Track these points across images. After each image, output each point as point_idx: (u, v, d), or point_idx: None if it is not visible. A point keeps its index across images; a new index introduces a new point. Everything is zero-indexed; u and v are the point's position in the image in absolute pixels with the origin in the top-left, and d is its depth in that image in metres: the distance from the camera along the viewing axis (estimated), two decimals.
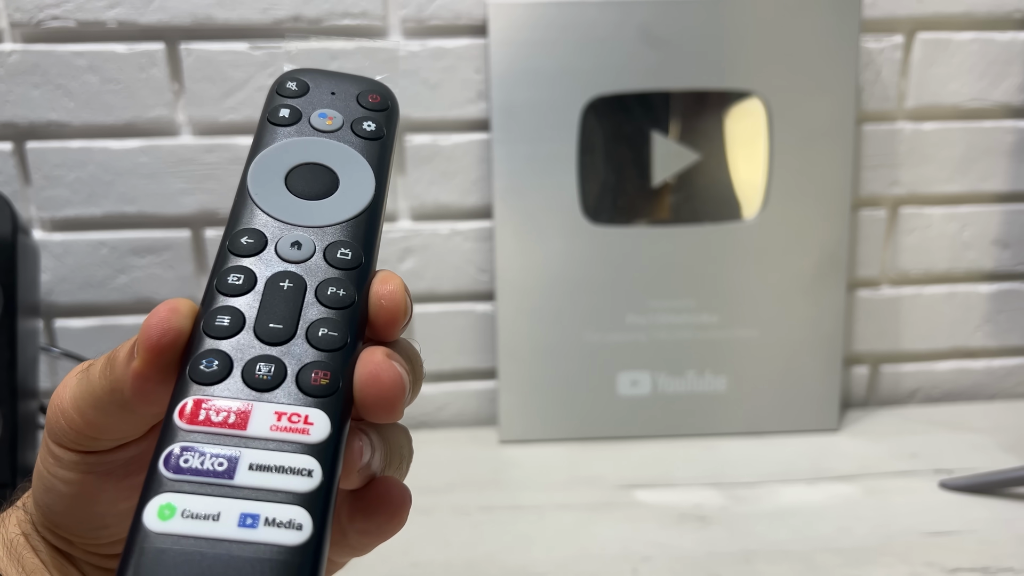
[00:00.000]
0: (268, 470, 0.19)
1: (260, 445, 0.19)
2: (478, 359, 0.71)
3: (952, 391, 0.75)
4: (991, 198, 0.71)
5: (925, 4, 0.66)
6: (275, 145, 0.24)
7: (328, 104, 0.25)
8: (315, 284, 0.21)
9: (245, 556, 0.18)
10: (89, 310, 0.68)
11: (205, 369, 0.20)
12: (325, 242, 0.22)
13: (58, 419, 0.22)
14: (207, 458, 0.19)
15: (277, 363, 0.20)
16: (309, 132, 0.24)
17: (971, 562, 0.49)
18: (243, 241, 0.22)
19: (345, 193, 0.23)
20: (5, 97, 0.62)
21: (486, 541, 0.53)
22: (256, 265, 0.21)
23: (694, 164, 0.65)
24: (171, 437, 0.19)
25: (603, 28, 0.62)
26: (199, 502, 0.18)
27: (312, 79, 0.26)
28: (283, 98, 0.25)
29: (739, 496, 0.58)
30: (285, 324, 0.21)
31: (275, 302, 0.21)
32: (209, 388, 0.20)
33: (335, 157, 0.24)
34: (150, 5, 0.61)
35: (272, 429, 0.19)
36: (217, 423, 0.19)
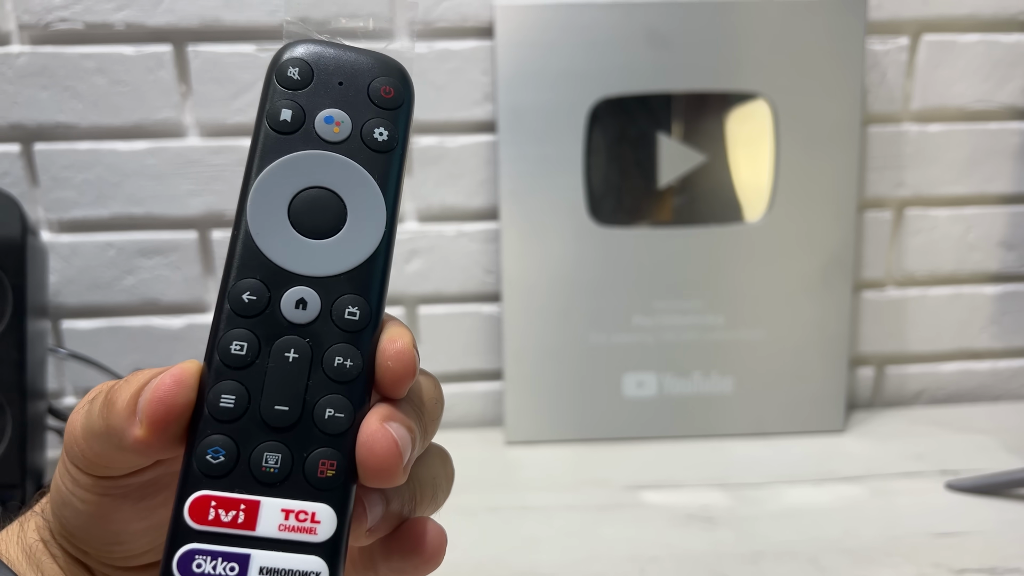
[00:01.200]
0: (278, 574, 0.19)
1: (269, 546, 0.19)
2: (484, 360, 0.71)
3: (957, 392, 0.75)
4: (996, 200, 0.71)
5: (930, 6, 0.66)
6: (277, 164, 0.21)
7: (335, 101, 0.22)
8: (321, 353, 0.20)
9: None
10: (96, 311, 0.68)
11: (212, 461, 0.19)
12: (332, 297, 0.21)
13: (71, 444, 0.22)
14: (219, 562, 0.19)
15: (283, 453, 0.20)
16: (314, 142, 0.22)
17: (978, 563, 0.49)
18: (245, 299, 0.20)
19: (353, 229, 0.21)
20: (13, 99, 0.63)
21: (493, 542, 0.53)
22: (259, 329, 0.20)
23: (700, 166, 0.65)
24: (182, 537, 0.19)
25: (610, 30, 0.62)
26: None
27: (317, 62, 0.23)
28: (284, 89, 0.22)
29: (746, 497, 0.58)
30: (291, 406, 0.20)
31: (281, 378, 0.20)
32: (216, 481, 0.19)
33: (343, 179, 0.22)
34: (158, 7, 0.62)
35: (280, 529, 0.19)
36: (226, 523, 0.19)
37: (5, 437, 0.52)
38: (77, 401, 0.69)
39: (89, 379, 0.69)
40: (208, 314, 0.68)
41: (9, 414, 0.52)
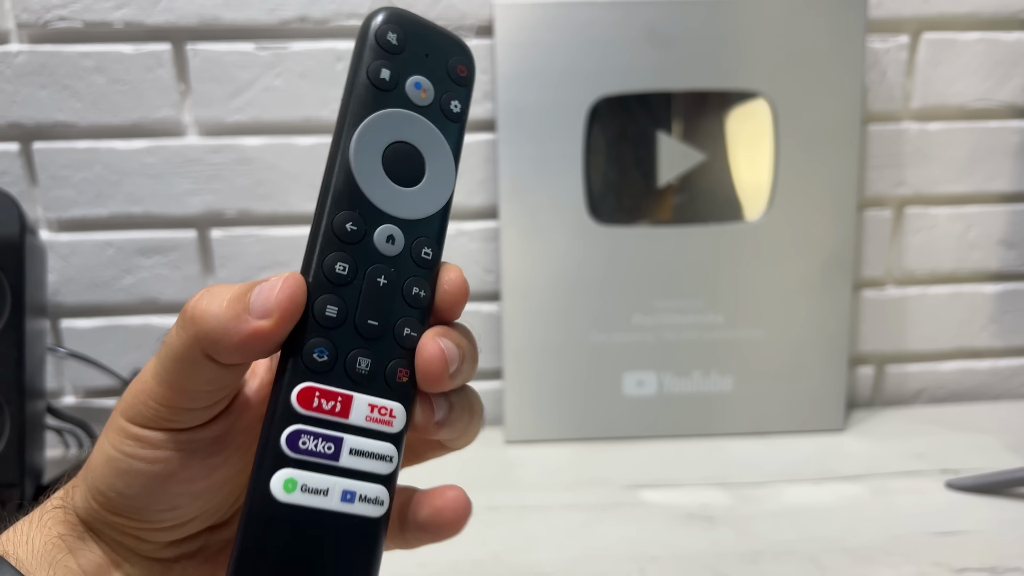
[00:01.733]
0: (363, 455, 0.23)
1: (358, 432, 0.23)
2: (484, 359, 0.71)
3: (957, 391, 0.75)
4: (997, 198, 0.71)
5: (931, 4, 0.66)
6: (377, 116, 0.24)
7: (423, 70, 0.25)
8: (403, 282, 0.24)
9: (342, 526, 0.22)
10: (95, 310, 0.68)
11: (317, 359, 0.23)
12: (412, 238, 0.24)
13: (143, 402, 0.23)
14: (320, 441, 0.22)
15: (372, 359, 0.23)
16: (405, 103, 0.25)
17: (978, 562, 0.49)
18: (348, 227, 0.23)
19: (431, 183, 0.25)
20: (12, 98, 0.63)
21: (492, 541, 0.53)
22: (357, 255, 0.23)
23: (700, 164, 0.65)
24: (289, 419, 0.22)
25: (609, 29, 0.62)
26: (314, 478, 0.22)
27: (409, 32, 0.25)
28: (383, 51, 0.25)
29: (745, 496, 0.58)
30: (380, 321, 0.24)
31: (373, 298, 0.24)
32: (319, 376, 0.23)
33: (425, 139, 0.25)
34: (157, 6, 0.62)
35: (367, 420, 0.23)
36: (326, 411, 0.22)
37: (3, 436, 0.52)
38: (76, 400, 0.69)
39: (88, 378, 0.69)
40: None
41: (7, 413, 0.52)
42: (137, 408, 0.24)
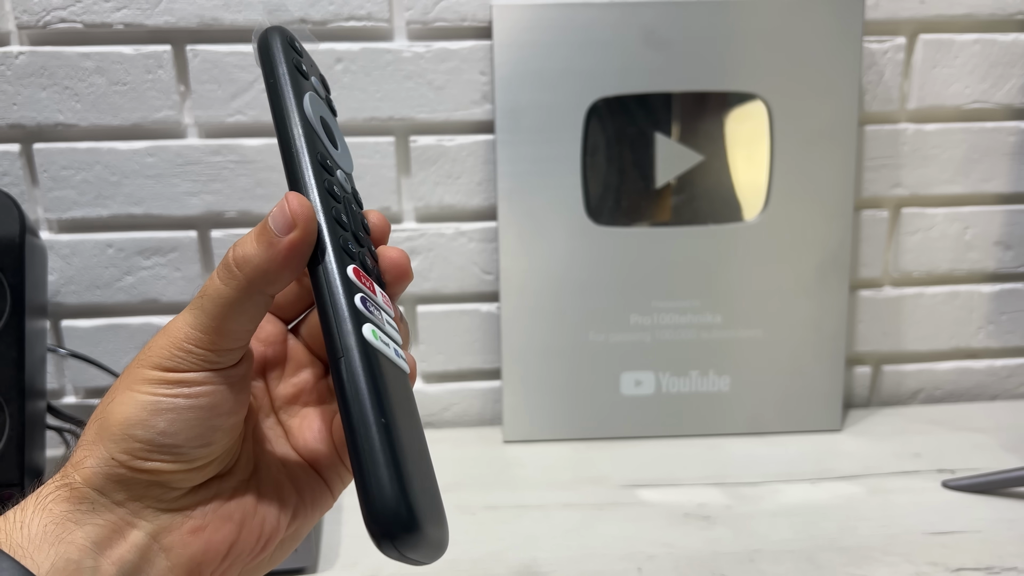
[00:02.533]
0: (391, 326, 0.28)
1: (383, 309, 0.28)
2: (483, 359, 0.71)
3: (954, 391, 0.75)
4: (993, 199, 0.71)
5: (927, 6, 0.66)
6: (308, 96, 0.30)
7: (312, 67, 0.32)
8: (353, 206, 0.30)
9: (397, 371, 0.28)
10: (96, 311, 0.68)
11: (352, 249, 0.28)
12: (348, 178, 0.32)
13: (183, 350, 0.26)
14: (375, 308, 0.27)
15: (369, 258, 0.30)
16: (312, 89, 0.31)
17: (975, 562, 0.49)
18: (327, 163, 0.29)
19: (340, 144, 0.32)
20: (12, 99, 0.63)
21: (491, 540, 0.53)
22: (338, 187, 0.29)
23: (698, 165, 0.66)
24: (354, 289, 0.27)
25: (607, 30, 0.62)
26: (383, 333, 0.27)
27: (299, 43, 0.32)
28: (295, 52, 0.31)
29: (743, 495, 0.58)
30: (360, 234, 0.30)
31: (353, 215, 0.30)
32: (355, 261, 0.28)
33: (329, 117, 0.32)
34: (157, 7, 0.62)
35: (383, 302, 0.29)
36: (367, 286, 0.28)
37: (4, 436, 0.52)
38: (77, 400, 0.69)
39: (89, 378, 0.69)
40: None
41: (8, 413, 0.52)
42: (177, 358, 0.26)
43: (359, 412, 0.25)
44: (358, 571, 0.51)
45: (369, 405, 0.25)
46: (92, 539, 0.26)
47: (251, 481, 0.30)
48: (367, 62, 0.64)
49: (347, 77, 0.64)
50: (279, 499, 0.31)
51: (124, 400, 0.27)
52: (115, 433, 0.26)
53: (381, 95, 0.65)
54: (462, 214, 0.68)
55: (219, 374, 0.27)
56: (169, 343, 0.27)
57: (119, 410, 0.27)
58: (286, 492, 0.31)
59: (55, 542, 0.25)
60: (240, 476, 0.30)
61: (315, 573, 0.50)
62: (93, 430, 0.27)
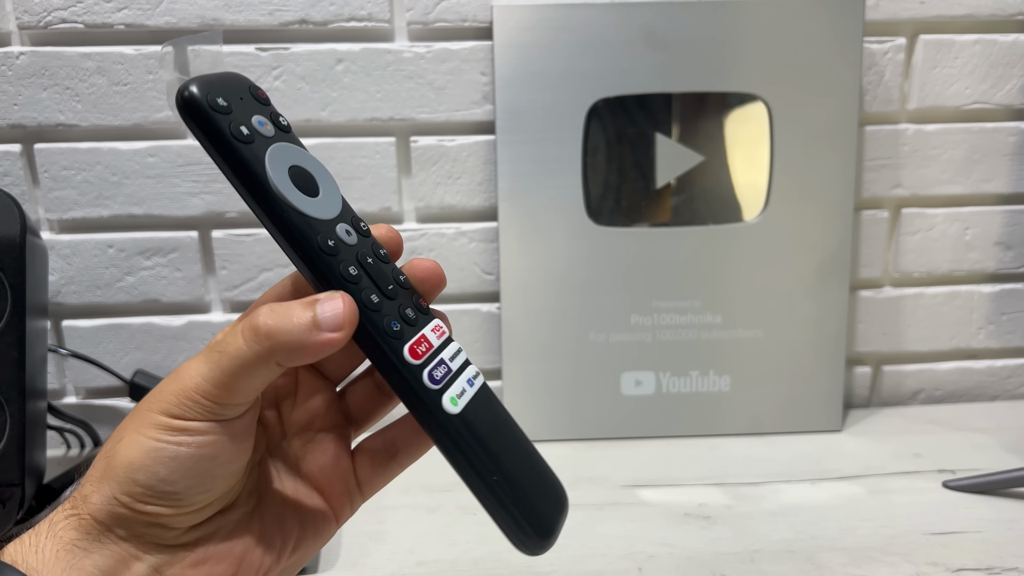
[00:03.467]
0: (454, 357, 0.31)
1: (442, 348, 0.30)
2: (483, 359, 0.71)
3: (954, 392, 0.75)
4: (993, 200, 0.71)
5: (927, 6, 0.66)
6: (268, 160, 0.28)
7: (249, 111, 0.29)
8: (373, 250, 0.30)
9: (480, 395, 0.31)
10: (97, 311, 0.68)
11: (396, 328, 0.29)
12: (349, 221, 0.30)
13: (192, 399, 0.27)
14: (438, 368, 0.29)
15: (410, 307, 0.30)
16: (267, 141, 0.28)
17: (975, 562, 0.49)
18: (329, 243, 0.28)
19: (322, 182, 0.30)
20: (13, 99, 0.63)
21: (492, 540, 0.53)
22: (346, 255, 0.29)
23: (698, 166, 0.66)
24: (416, 369, 0.29)
25: (608, 31, 0.62)
26: (455, 388, 0.29)
27: (222, 91, 0.28)
28: (223, 114, 0.28)
29: (743, 495, 0.58)
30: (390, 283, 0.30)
31: (376, 272, 0.30)
32: (404, 336, 0.29)
33: (294, 156, 0.29)
34: (158, 8, 0.62)
35: (438, 338, 0.30)
36: (423, 352, 0.29)
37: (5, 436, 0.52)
38: (78, 400, 0.69)
39: (89, 378, 0.69)
40: (208, 314, 0.69)
41: (9, 413, 0.52)
42: (184, 406, 0.27)
43: (472, 479, 0.29)
44: (359, 571, 0.51)
45: (475, 472, 0.29)
46: (100, 568, 0.27)
47: (253, 515, 0.31)
48: (368, 62, 0.64)
49: (348, 77, 0.64)
50: (281, 533, 0.31)
51: (130, 443, 0.27)
52: (119, 475, 0.27)
53: (382, 95, 0.65)
54: (463, 214, 0.68)
55: (223, 425, 0.28)
56: (179, 390, 0.27)
57: (124, 452, 0.27)
58: (288, 525, 0.32)
59: (66, 568, 0.27)
60: (243, 510, 0.31)
61: (316, 573, 0.50)
62: (100, 467, 0.28)
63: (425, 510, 0.57)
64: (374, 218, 0.67)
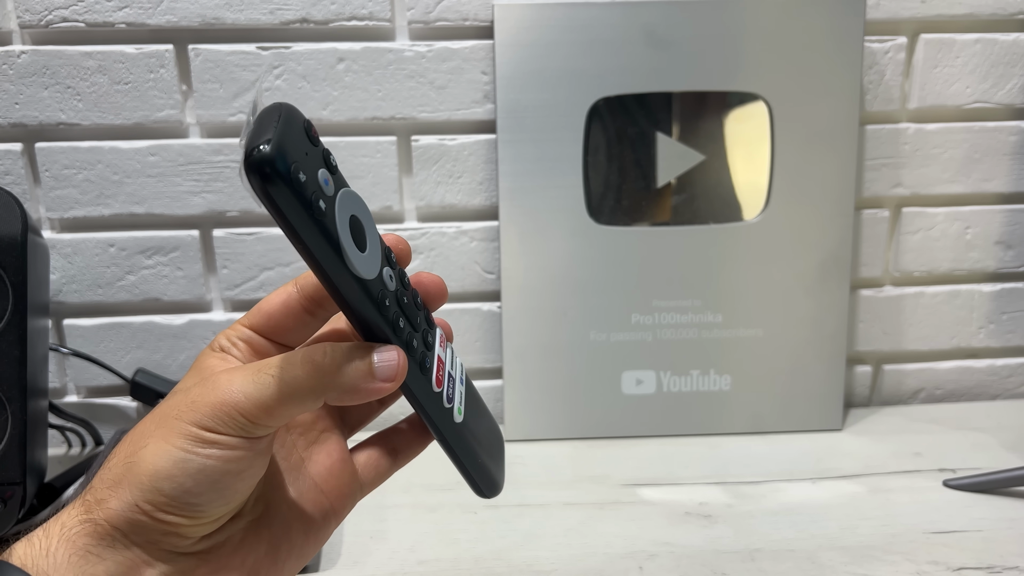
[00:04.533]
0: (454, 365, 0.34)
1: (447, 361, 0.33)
2: (484, 358, 0.71)
3: (955, 391, 0.76)
4: (994, 199, 0.71)
5: (928, 6, 0.66)
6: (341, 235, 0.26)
7: (312, 166, 0.26)
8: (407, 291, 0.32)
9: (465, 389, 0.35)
10: (98, 310, 0.68)
11: (426, 364, 0.32)
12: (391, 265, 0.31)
13: (229, 415, 0.27)
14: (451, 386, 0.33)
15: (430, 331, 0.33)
16: (332, 201, 0.26)
17: (976, 561, 0.49)
18: (387, 303, 0.29)
19: (366, 223, 0.29)
20: (15, 98, 0.63)
21: (493, 539, 0.53)
22: (395, 304, 0.30)
23: (698, 165, 0.66)
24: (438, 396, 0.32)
25: (609, 30, 0.62)
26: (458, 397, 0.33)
27: (295, 156, 0.25)
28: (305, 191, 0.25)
29: (744, 494, 0.58)
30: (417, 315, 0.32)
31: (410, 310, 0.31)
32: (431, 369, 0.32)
33: (349, 205, 0.28)
34: (159, 7, 0.62)
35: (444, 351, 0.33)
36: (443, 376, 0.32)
37: (6, 434, 0.52)
38: (79, 399, 0.69)
39: (91, 377, 0.69)
40: (209, 313, 0.69)
41: (10, 411, 0.52)
42: (220, 420, 0.27)
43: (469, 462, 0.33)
44: (360, 570, 0.51)
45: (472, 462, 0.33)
46: (112, 574, 0.28)
47: (261, 521, 0.31)
48: (369, 61, 0.64)
49: (349, 76, 0.64)
50: (287, 537, 0.32)
51: (157, 451, 0.28)
52: (143, 482, 0.27)
53: (383, 94, 0.65)
54: (463, 213, 0.68)
55: (251, 442, 0.28)
56: (217, 404, 0.27)
57: (150, 460, 0.28)
58: (294, 529, 0.32)
59: (78, 574, 0.27)
60: (250, 517, 0.31)
61: (317, 572, 0.50)
62: (119, 471, 0.28)
63: (426, 509, 0.57)
64: (375, 218, 0.67)
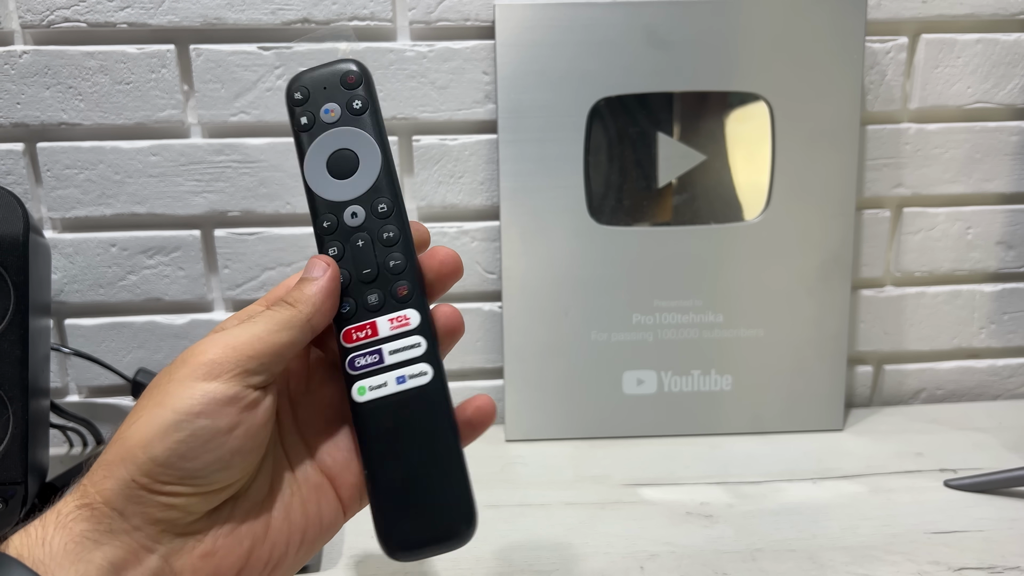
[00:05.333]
0: (398, 351, 0.33)
1: (390, 339, 0.33)
2: (485, 358, 0.71)
3: (956, 391, 0.75)
4: (995, 199, 0.71)
5: (930, 6, 0.66)
6: (311, 147, 0.34)
7: (326, 99, 0.34)
8: (375, 233, 0.33)
9: (407, 398, 0.32)
10: (99, 310, 0.68)
11: (344, 311, 0.33)
12: (368, 204, 0.34)
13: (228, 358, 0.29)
14: (366, 356, 0.32)
15: (379, 292, 0.33)
16: (323, 127, 0.34)
17: (977, 561, 0.49)
18: (325, 224, 0.33)
19: (365, 163, 0.34)
20: (16, 98, 0.63)
21: (494, 538, 0.53)
22: (341, 237, 0.33)
23: (699, 165, 0.66)
24: (344, 352, 0.33)
25: (610, 30, 0.62)
26: (374, 380, 0.32)
27: (307, 82, 0.34)
28: (297, 105, 0.34)
29: (745, 494, 0.58)
30: (371, 268, 0.33)
31: (359, 255, 0.33)
32: (349, 320, 0.33)
33: (348, 139, 0.34)
34: (160, 7, 0.62)
35: (392, 329, 0.33)
36: (362, 337, 0.33)
37: (8, 434, 0.52)
38: (80, 398, 0.69)
39: (92, 377, 0.69)
40: (211, 313, 0.69)
41: (12, 411, 0.52)
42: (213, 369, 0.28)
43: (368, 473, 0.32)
44: (361, 570, 0.51)
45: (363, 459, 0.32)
46: (110, 560, 0.27)
47: (264, 504, 0.31)
48: (370, 61, 0.64)
49: None
50: (289, 524, 0.31)
51: (148, 420, 0.28)
52: (137, 455, 0.27)
53: (384, 94, 0.65)
54: (465, 213, 0.68)
55: (243, 395, 0.29)
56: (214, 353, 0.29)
57: (142, 430, 0.27)
58: (297, 516, 0.32)
59: (75, 560, 0.26)
60: (254, 499, 0.31)
61: (319, 571, 0.51)
62: (113, 449, 0.28)
63: None
64: None
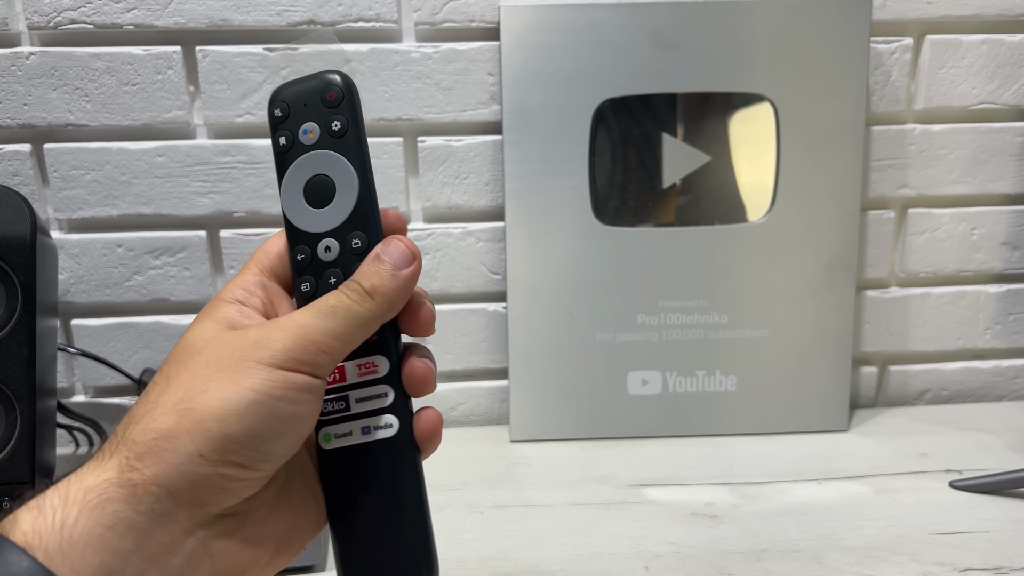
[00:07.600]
0: (365, 400, 0.32)
1: (357, 387, 0.32)
2: (490, 359, 0.71)
3: (961, 392, 0.75)
4: (1000, 200, 0.71)
5: (935, 6, 0.66)
6: (288, 171, 0.32)
7: (305, 118, 0.32)
8: (348, 270, 0.31)
9: (372, 450, 0.31)
10: (106, 310, 0.68)
11: None
12: (343, 238, 0.32)
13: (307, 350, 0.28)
14: (333, 403, 0.32)
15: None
16: (302, 150, 0.32)
17: (982, 562, 0.49)
18: (299, 258, 0.32)
19: (342, 192, 0.32)
20: (23, 99, 0.63)
21: (498, 538, 0.53)
22: (314, 271, 0.32)
23: (704, 166, 0.66)
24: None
25: (615, 31, 0.62)
26: (339, 428, 0.32)
27: (287, 98, 0.32)
28: (276, 125, 0.32)
29: (749, 495, 0.58)
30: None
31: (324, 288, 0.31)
32: None
33: (326, 164, 0.32)
34: (167, 8, 0.62)
35: (359, 376, 0.32)
36: (330, 381, 0.31)
37: (15, 434, 0.53)
38: (86, 398, 0.70)
39: (98, 377, 0.69)
40: None
41: (19, 411, 0.53)
42: (294, 356, 0.28)
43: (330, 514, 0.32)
44: None
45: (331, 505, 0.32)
46: (143, 547, 0.24)
47: (286, 487, 0.31)
48: (375, 63, 0.64)
49: (355, 78, 0.65)
50: (305, 509, 0.32)
51: (226, 394, 0.26)
52: (210, 428, 0.25)
53: (389, 96, 0.65)
54: (470, 214, 0.68)
55: (318, 384, 0.29)
56: (293, 339, 0.28)
57: (217, 403, 0.25)
58: (310, 502, 0.32)
59: (100, 549, 0.23)
60: (279, 482, 0.31)
61: (323, 571, 0.51)
62: (171, 419, 0.25)
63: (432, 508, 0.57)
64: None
